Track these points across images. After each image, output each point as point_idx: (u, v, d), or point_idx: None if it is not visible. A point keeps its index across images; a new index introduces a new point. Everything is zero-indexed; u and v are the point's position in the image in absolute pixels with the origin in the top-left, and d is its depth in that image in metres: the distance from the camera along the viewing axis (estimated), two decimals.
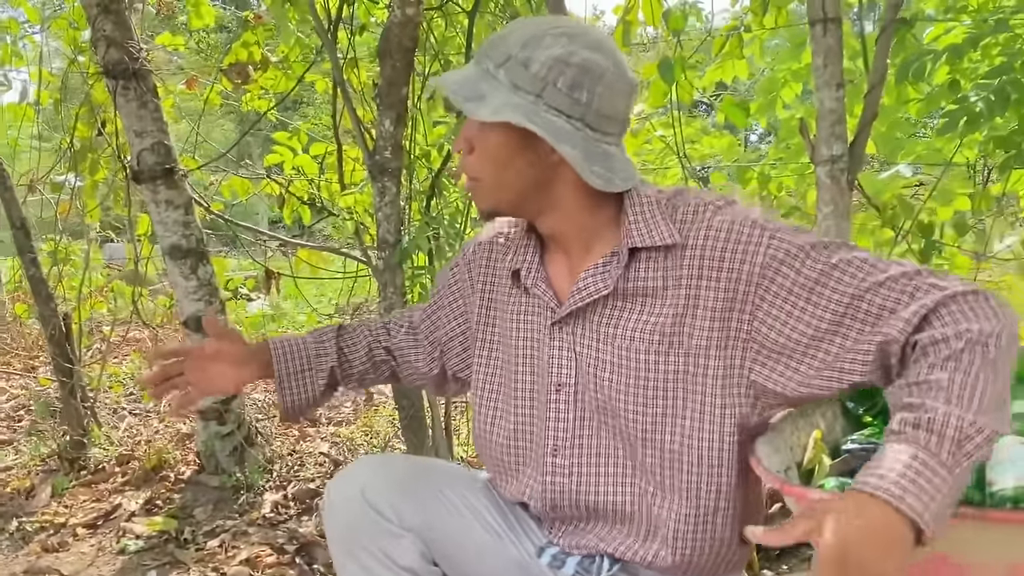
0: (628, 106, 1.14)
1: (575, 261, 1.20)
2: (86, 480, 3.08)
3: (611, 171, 1.10)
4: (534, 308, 1.24)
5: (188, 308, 2.80)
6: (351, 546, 1.24)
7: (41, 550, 2.55)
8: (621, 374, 1.14)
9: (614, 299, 1.15)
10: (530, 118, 1.06)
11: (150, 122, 2.62)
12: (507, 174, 1.14)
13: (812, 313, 1.02)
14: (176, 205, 2.70)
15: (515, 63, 1.08)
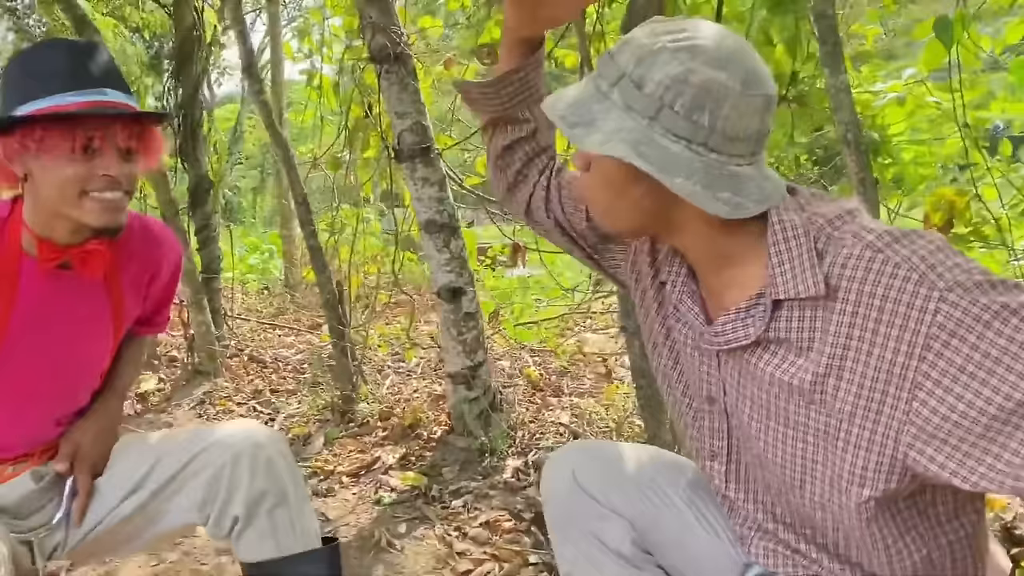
0: (762, 121, 0.98)
1: (713, 288, 1.08)
2: (353, 432, 3.39)
3: (741, 194, 0.96)
4: (681, 320, 1.16)
5: (441, 279, 2.95)
6: (566, 528, 1.28)
7: (312, 494, 2.84)
8: (762, 413, 1.04)
9: (755, 345, 1.03)
10: (640, 149, 0.95)
11: (410, 104, 2.78)
12: (621, 203, 1.04)
13: (990, 397, 0.83)
14: (431, 182, 2.85)
15: (628, 82, 0.96)
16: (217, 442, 1.45)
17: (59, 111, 1.22)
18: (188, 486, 1.44)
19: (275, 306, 6.78)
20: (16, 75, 1.30)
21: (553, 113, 1.02)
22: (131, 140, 1.29)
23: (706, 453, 1.16)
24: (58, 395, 1.47)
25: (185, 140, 4.08)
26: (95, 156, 1.25)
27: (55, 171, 1.24)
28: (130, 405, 3.98)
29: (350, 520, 2.61)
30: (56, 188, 1.25)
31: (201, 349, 4.15)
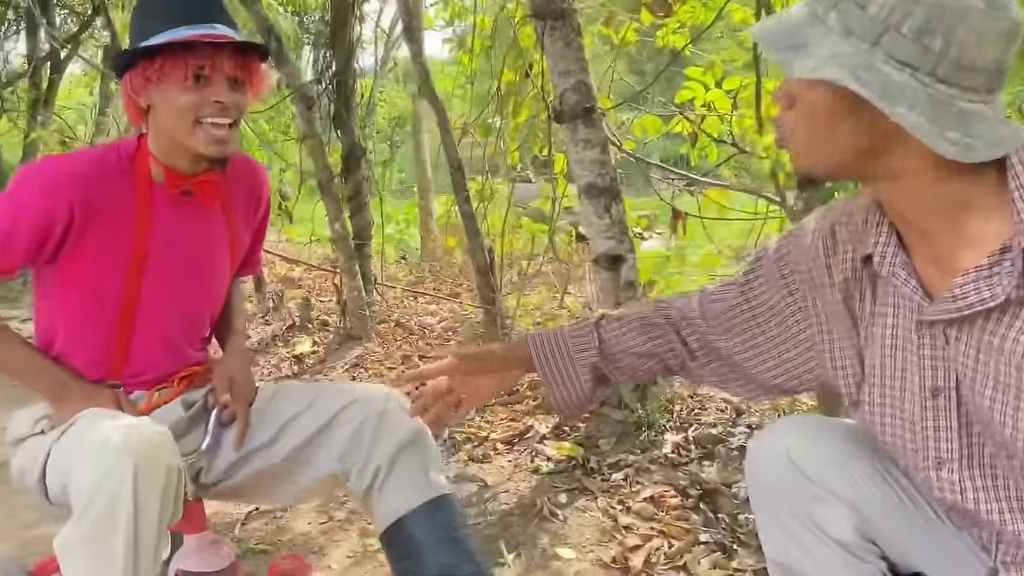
0: (1005, 51, 0.84)
1: (942, 249, 0.94)
2: (503, 400, 3.36)
3: (972, 135, 0.84)
4: (893, 300, 1.02)
5: (600, 246, 2.86)
6: (775, 508, 1.18)
7: (468, 459, 2.83)
8: (1010, 395, 0.89)
9: (1001, 310, 0.89)
10: (858, 74, 0.84)
11: (573, 61, 2.68)
12: (829, 139, 0.93)
13: None
14: (593, 144, 2.75)
15: (849, 3, 0.86)
16: (363, 397, 1.54)
17: (173, 41, 1.35)
18: (334, 436, 1.51)
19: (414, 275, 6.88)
20: (139, 16, 1.47)
21: (761, 39, 0.94)
22: (237, 70, 1.41)
23: (929, 463, 1.01)
24: (190, 317, 1.60)
25: (339, 108, 4.13)
26: (206, 85, 1.38)
27: (172, 100, 1.38)
28: (288, 366, 4.11)
29: (509, 487, 2.58)
30: (173, 116, 1.39)
31: (353, 314, 4.23)
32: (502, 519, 2.35)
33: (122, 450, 1.20)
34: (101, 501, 1.19)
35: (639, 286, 2.97)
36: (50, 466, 1.36)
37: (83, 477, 1.23)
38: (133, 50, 1.41)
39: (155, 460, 1.23)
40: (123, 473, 1.18)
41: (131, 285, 1.47)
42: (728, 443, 2.72)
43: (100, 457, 1.21)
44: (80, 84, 12.22)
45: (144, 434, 1.25)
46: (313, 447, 1.53)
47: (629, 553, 2.14)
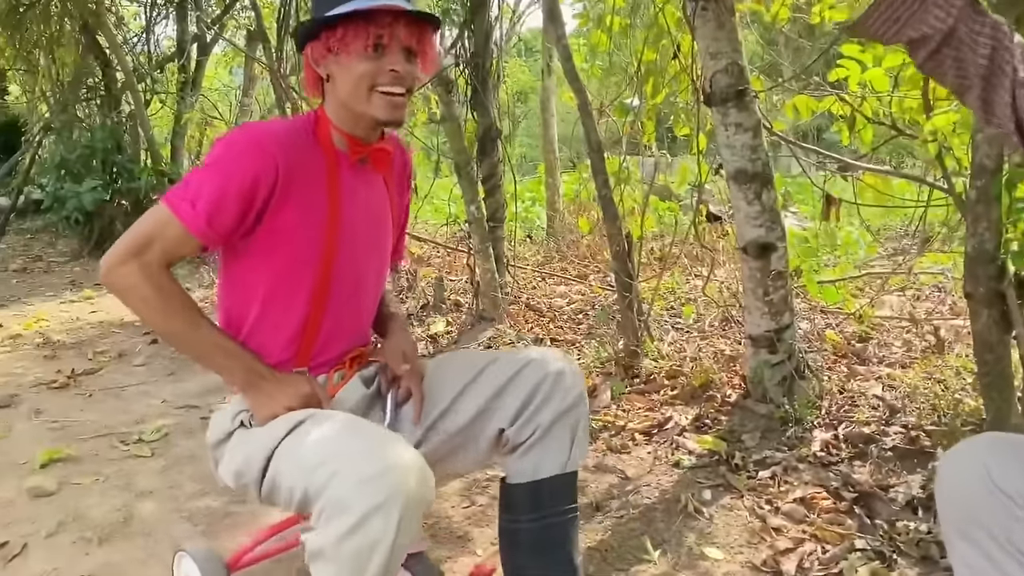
0: None
1: None
2: (639, 388, 3.30)
3: None
4: None
5: (748, 234, 2.75)
6: (967, 526, 1.14)
7: (606, 448, 2.80)
8: None
9: None
10: None
11: (725, 43, 2.58)
12: None
13: None
14: (745, 128, 2.64)
15: None
16: (540, 357, 1.60)
17: (355, 9, 1.39)
18: (509, 397, 1.56)
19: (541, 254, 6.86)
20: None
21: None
22: (412, 40, 1.45)
23: None
24: (372, 290, 1.65)
25: (476, 89, 4.13)
26: (384, 54, 1.43)
27: (351, 68, 1.43)
28: (424, 345, 4.18)
29: (650, 480, 2.53)
30: (352, 83, 1.43)
31: (485, 295, 4.26)
32: (644, 513, 2.30)
33: (393, 490, 1.18)
34: (364, 537, 1.17)
35: (789, 276, 2.84)
36: (276, 468, 1.36)
37: (348, 499, 1.19)
38: (316, 21, 1.45)
39: (421, 500, 1.23)
40: (391, 512, 1.17)
41: (328, 254, 1.50)
42: (881, 443, 2.58)
43: (371, 489, 1.18)
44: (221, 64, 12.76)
45: (413, 471, 1.22)
46: (490, 410, 1.58)
47: (780, 556, 2.06)
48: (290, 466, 1.33)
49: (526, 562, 1.59)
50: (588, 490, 2.47)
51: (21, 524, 2.37)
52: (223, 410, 1.56)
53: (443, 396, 1.60)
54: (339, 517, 1.18)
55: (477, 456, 1.62)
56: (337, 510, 1.19)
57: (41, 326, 5.15)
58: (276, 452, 1.37)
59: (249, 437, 1.46)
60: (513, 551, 1.62)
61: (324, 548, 1.20)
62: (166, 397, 3.64)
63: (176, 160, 9.03)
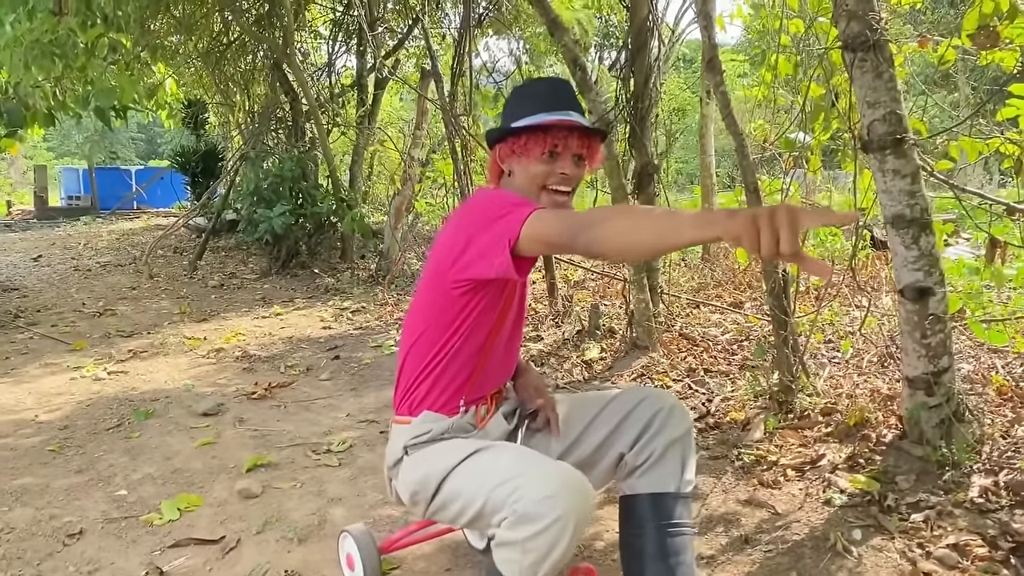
0: None
1: None
2: (793, 424, 3.36)
3: None
4: None
5: (906, 278, 2.78)
6: None
7: (758, 483, 2.89)
8: None
9: None
10: None
11: (884, 92, 2.63)
12: None
13: None
14: (903, 175, 2.68)
15: None
16: (652, 394, 1.89)
17: (537, 124, 1.69)
18: (628, 427, 1.84)
19: (695, 279, 6.91)
20: (513, 100, 1.83)
21: None
22: (583, 148, 1.73)
23: None
24: (516, 339, 1.94)
25: (634, 129, 4.31)
26: (557, 159, 1.71)
27: (528, 168, 1.72)
28: (579, 371, 4.39)
29: (800, 517, 2.60)
30: (528, 180, 1.72)
31: (639, 324, 4.41)
32: (793, 549, 2.39)
33: (570, 505, 1.46)
34: (547, 540, 1.46)
35: (948, 320, 2.84)
36: (451, 487, 1.66)
37: (534, 510, 1.46)
38: (503, 129, 1.77)
39: (588, 514, 1.52)
40: (568, 523, 1.45)
41: (504, 310, 1.79)
42: None
43: (550, 503, 1.46)
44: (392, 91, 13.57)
45: (585, 491, 1.52)
46: (613, 437, 1.86)
47: None
48: (469, 485, 1.63)
49: (648, 570, 1.79)
50: (739, 523, 2.58)
51: (234, 522, 2.75)
52: (395, 436, 1.86)
53: (575, 427, 1.90)
54: (525, 525, 1.46)
55: (601, 476, 1.91)
56: (523, 519, 1.47)
57: (239, 340, 5.77)
58: (452, 473, 1.67)
59: (424, 461, 1.75)
60: (634, 561, 1.83)
61: (513, 543, 1.50)
62: (349, 411, 4.04)
63: (354, 187, 9.73)
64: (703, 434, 3.43)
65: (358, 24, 9.47)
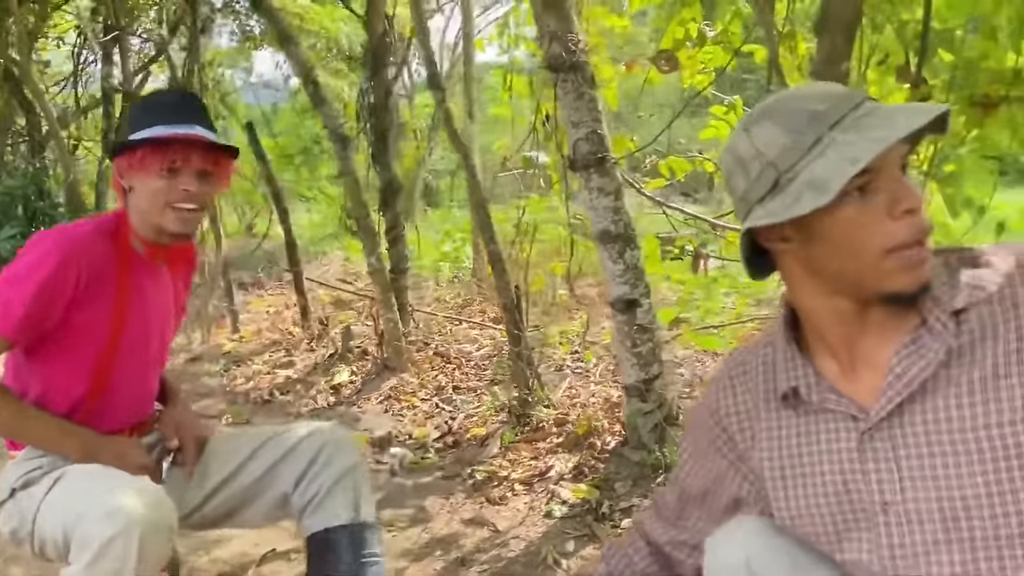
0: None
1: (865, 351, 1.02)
2: (528, 436, 3.40)
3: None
4: (827, 426, 1.04)
5: (615, 291, 2.88)
6: None
7: (486, 501, 2.88)
8: (972, 463, 0.92)
9: (936, 379, 0.94)
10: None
11: (585, 112, 2.72)
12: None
13: None
14: (607, 192, 2.78)
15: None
16: (319, 429, 1.83)
17: (153, 137, 1.59)
18: (292, 463, 1.75)
19: (463, 296, 6.95)
20: (136, 111, 1.76)
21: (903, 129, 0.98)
22: (207, 164, 1.64)
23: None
24: (151, 368, 1.81)
25: (376, 145, 4.25)
26: (177, 175, 1.60)
27: (147, 185, 1.61)
28: (324, 397, 4.23)
29: (520, 532, 2.61)
30: (149, 197, 1.61)
31: (389, 344, 4.33)
32: (507, 567, 2.39)
33: (129, 519, 1.39)
34: (108, 562, 1.38)
35: (656, 329, 2.98)
36: (41, 521, 1.55)
37: (92, 533, 1.40)
38: (121, 142, 1.67)
39: (158, 526, 1.44)
40: (130, 539, 1.38)
41: (112, 342, 1.66)
42: None
43: (109, 521, 1.39)
44: None
45: (147, 502, 1.44)
46: (272, 474, 1.76)
47: None
48: (52, 517, 1.53)
49: None
50: (459, 544, 2.55)
51: None
52: (5, 475, 1.68)
53: (230, 461, 1.79)
54: (86, 550, 1.39)
55: (262, 513, 1.81)
56: (84, 544, 1.40)
57: None
58: (40, 507, 1.56)
59: (23, 497, 1.61)
60: None
61: (79, 574, 1.39)
62: None
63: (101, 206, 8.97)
64: (442, 454, 3.40)
65: (105, 33, 8.76)
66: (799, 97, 0.98)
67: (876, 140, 0.88)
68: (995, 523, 0.92)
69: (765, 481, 1.13)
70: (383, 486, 3.08)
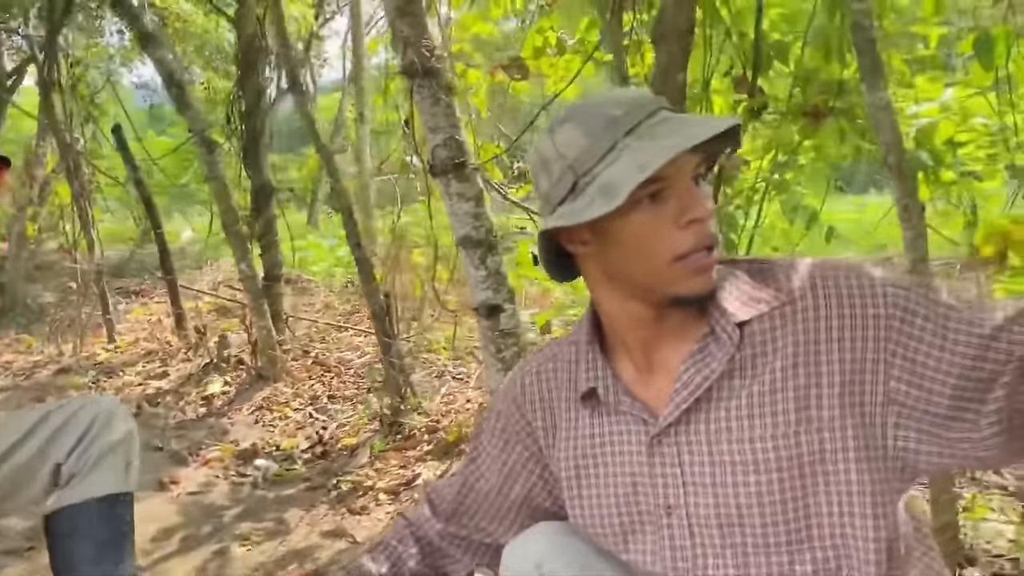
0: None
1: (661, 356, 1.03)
2: (399, 445, 3.37)
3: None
4: (621, 428, 1.05)
5: (479, 296, 2.88)
6: None
7: (347, 511, 2.83)
8: (748, 472, 0.95)
9: (720, 388, 0.97)
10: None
11: (443, 118, 2.71)
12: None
13: (950, 361, 0.88)
14: (467, 198, 2.78)
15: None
16: (91, 403, 1.78)
17: None
18: (66, 435, 1.70)
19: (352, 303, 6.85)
20: None
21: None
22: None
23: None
24: None
25: (248, 149, 4.14)
26: None
27: None
28: (193, 408, 4.09)
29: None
30: None
31: (263, 353, 4.23)
32: None
33: None
34: None
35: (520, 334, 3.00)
36: None
37: None
38: None
39: None
40: None
41: None
42: None
43: None
44: None
45: None
46: (48, 449, 1.71)
47: None
48: None
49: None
50: (313, 557, 2.50)
51: None
52: None
53: (6, 439, 1.72)
54: None
55: (37, 492, 1.73)
56: None
57: None
58: None
59: None
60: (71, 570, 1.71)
61: None
62: None
63: None
64: (310, 464, 3.33)
65: None
66: (600, 102, 0.98)
67: (665, 148, 0.90)
68: (764, 531, 0.95)
69: (561, 480, 1.14)
70: (244, 499, 3.00)
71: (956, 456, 0.90)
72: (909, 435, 0.91)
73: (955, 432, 0.89)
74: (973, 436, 0.88)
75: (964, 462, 0.93)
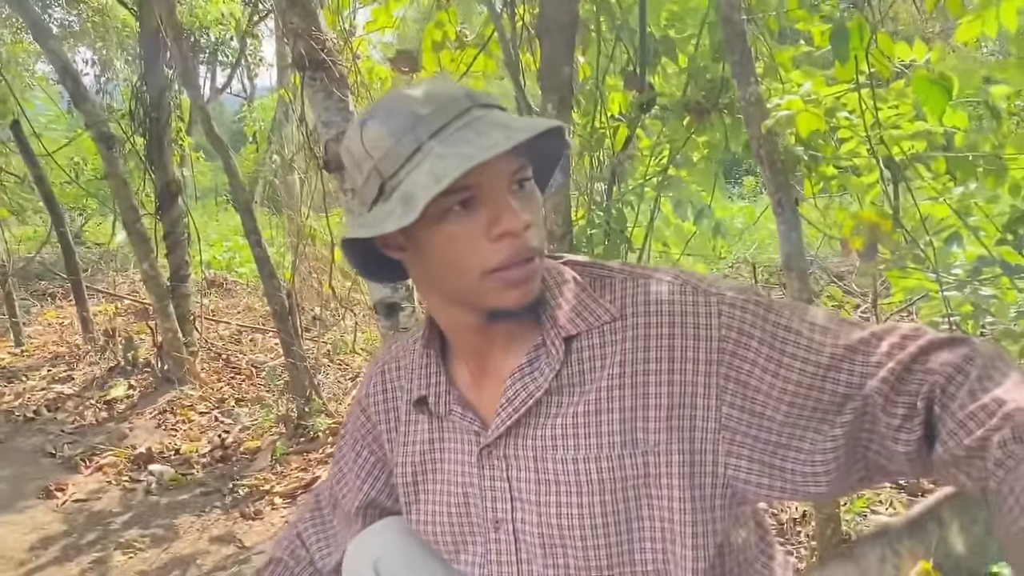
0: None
1: (493, 367, 0.98)
2: (301, 448, 3.30)
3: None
4: (454, 436, 1.01)
5: (377, 294, 2.83)
6: None
7: (240, 516, 2.76)
8: (571, 493, 0.90)
9: (547, 404, 0.92)
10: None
11: (335, 112, 2.65)
12: None
13: (782, 388, 0.84)
14: None
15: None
16: None
17: None
18: None
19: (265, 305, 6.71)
20: None
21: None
22: None
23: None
24: None
25: (151, 145, 4.01)
26: None
27: None
28: (94, 412, 3.95)
29: (267, 547, 2.51)
30: None
31: (169, 356, 4.11)
32: None
33: None
34: None
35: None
36: None
37: None
38: None
39: None
40: None
41: None
42: None
43: None
44: None
45: None
46: None
47: None
48: None
49: None
50: (198, 564, 2.42)
51: None
52: None
53: None
54: None
55: None
56: None
57: None
58: None
59: None
60: None
61: None
62: None
63: None
64: (209, 469, 3.23)
65: None
66: (410, 97, 0.89)
67: (465, 158, 0.81)
68: (586, 553, 0.92)
69: (399, 486, 1.11)
70: (134, 506, 2.90)
71: (787, 488, 0.86)
72: (740, 463, 0.86)
73: (789, 463, 0.85)
74: (806, 470, 0.84)
75: (795, 497, 0.89)
